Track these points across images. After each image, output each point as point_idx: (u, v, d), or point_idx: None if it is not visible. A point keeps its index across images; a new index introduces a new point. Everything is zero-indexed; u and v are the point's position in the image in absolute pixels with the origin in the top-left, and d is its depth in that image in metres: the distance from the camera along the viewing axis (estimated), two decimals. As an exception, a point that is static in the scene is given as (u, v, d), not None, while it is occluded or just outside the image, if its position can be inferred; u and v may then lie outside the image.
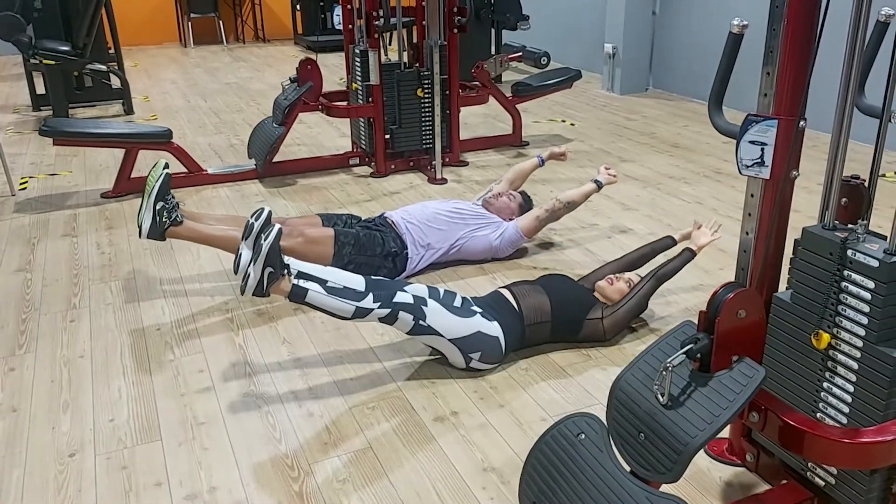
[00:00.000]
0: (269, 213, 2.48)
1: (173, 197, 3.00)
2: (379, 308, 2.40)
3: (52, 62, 5.76)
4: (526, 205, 3.57)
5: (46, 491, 2.07)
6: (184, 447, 2.23)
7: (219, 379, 2.57)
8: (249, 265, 2.33)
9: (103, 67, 6.35)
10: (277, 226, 2.40)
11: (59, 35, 6.08)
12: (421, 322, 2.44)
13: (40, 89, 6.38)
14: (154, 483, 2.09)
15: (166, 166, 3.02)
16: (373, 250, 3.17)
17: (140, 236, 2.95)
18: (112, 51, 6.59)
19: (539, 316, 2.64)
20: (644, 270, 2.94)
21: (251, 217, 2.46)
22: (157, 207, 2.92)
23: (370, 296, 2.40)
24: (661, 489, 1.57)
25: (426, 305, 2.46)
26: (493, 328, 2.55)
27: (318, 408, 2.41)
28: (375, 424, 2.33)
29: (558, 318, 2.66)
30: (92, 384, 2.55)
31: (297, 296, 2.36)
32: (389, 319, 2.42)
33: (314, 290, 2.36)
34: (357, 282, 2.50)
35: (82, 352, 2.75)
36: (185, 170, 4.54)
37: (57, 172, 4.86)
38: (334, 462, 2.16)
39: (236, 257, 2.39)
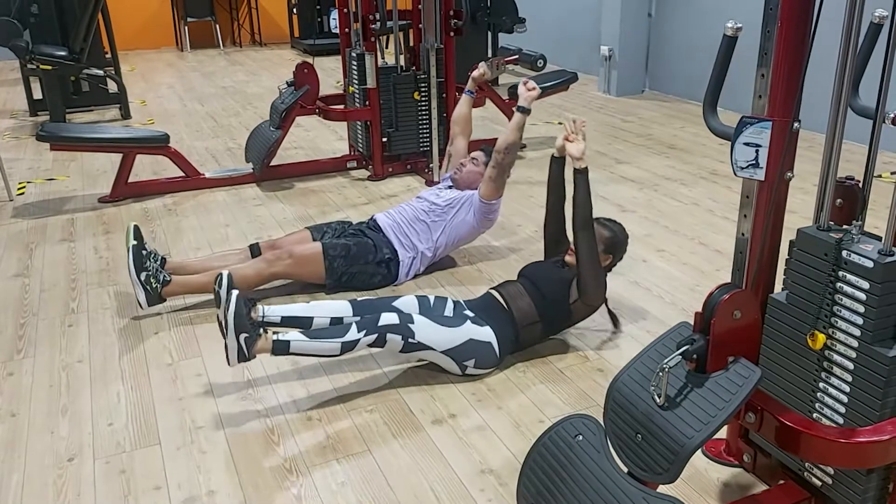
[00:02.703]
0: (229, 277, 2.46)
1: (155, 256, 2.98)
2: (365, 336, 2.40)
3: (49, 67, 5.76)
4: (489, 158, 3.30)
5: (45, 495, 2.07)
6: (182, 451, 2.23)
7: (217, 383, 2.57)
8: (226, 338, 2.33)
9: (100, 72, 6.35)
10: (235, 292, 2.36)
11: (56, 40, 6.08)
12: (410, 340, 2.44)
13: (37, 94, 6.38)
14: (153, 487, 2.09)
15: (135, 234, 2.98)
16: (365, 258, 3.16)
17: (143, 309, 2.96)
18: (109, 55, 6.60)
19: (529, 318, 2.63)
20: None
21: (215, 285, 2.45)
22: (142, 279, 2.90)
23: (353, 326, 2.41)
24: (658, 490, 1.57)
25: (413, 322, 2.45)
26: (485, 333, 2.55)
27: (316, 411, 2.41)
28: (374, 428, 2.33)
29: (545, 316, 2.65)
30: (90, 389, 2.55)
31: (281, 350, 2.36)
32: (379, 344, 2.43)
33: (296, 340, 2.37)
34: (343, 309, 2.55)
35: (81, 356, 2.75)
36: (183, 174, 4.54)
37: (54, 177, 4.86)
38: (332, 466, 2.16)
39: (219, 326, 2.40)
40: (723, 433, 2.13)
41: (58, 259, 3.60)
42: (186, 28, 10.19)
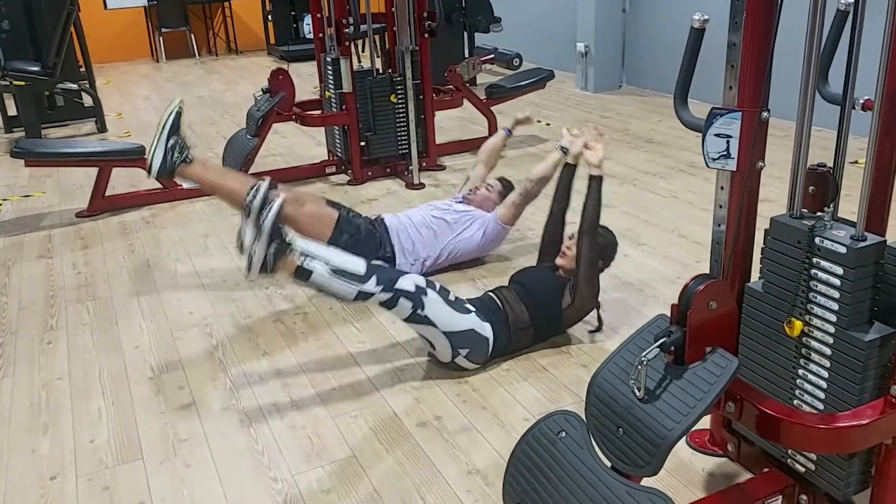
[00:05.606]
0: (269, 183, 2.39)
1: (185, 137, 2.91)
2: (381, 292, 2.39)
3: (23, 83, 5.71)
4: (506, 190, 3.46)
5: (27, 516, 2.05)
6: (165, 465, 2.21)
7: (199, 395, 2.55)
8: (254, 244, 2.28)
9: (74, 86, 6.30)
10: (278, 200, 2.34)
11: (29, 55, 6.02)
12: (419, 311, 2.44)
13: (12, 111, 6.32)
14: (137, 503, 2.07)
15: (182, 102, 2.92)
16: (368, 249, 3.11)
17: (149, 175, 2.86)
18: (83, 69, 6.54)
19: (522, 323, 2.64)
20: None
21: (248, 194, 2.38)
22: (170, 143, 2.81)
23: (373, 279, 2.38)
24: (643, 483, 1.57)
25: (426, 295, 2.46)
26: (486, 329, 2.56)
27: (301, 419, 2.40)
28: (359, 433, 2.32)
29: (537, 322, 2.66)
30: (71, 406, 2.53)
31: (302, 275, 2.33)
32: (389, 304, 2.41)
33: (319, 272, 2.34)
34: (358, 264, 2.45)
35: (60, 373, 2.72)
36: (160, 186, 4.50)
37: (31, 194, 4.81)
38: (318, 472, 2.15)
39: (239, 236, 2.34)
40: (706, 423, 2.14)
41: (35, 276, 3.56)
42: (161, 39, 10.12)
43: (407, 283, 2.44)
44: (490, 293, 2.74)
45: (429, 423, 2.35)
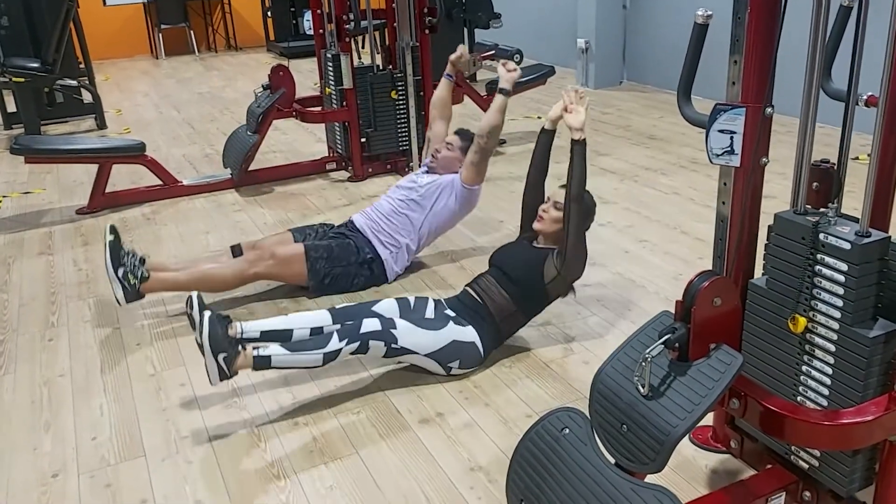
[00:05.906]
0: (199, 298, 2.39)
1: (133, 254, 2.93)
2: (347, 344, 2.36)
3: (22, 79, 5.70)
4: (466, 141, 3.29)
5: (29, 513, 2.04)
6: (168, 462, 2.21)
7: (201, 392, 2.54)
8: (206, 360, 2.28)
9: (74, 83, 6.29)
10: (207, 313, 2.32)
11: (28, 52, 6.01)
12: (393, 346, 2.42)
13: (11, 107, 6.31)
14: (139, 500, 2.07)
15: (112, 230, 2.94)
16: (347, 259, 3.14)
17: (121, 305, 2.91)
18: (82, 65, 6.53)
19: (506, 310, 2.61)
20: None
21: (186, 307, 2.40)
22: (120, 274, 2.86)
23: (335, 335, 2.37)
24: (646, 479, 1.57)
25: (395, 328, 2.43)
26: (468, 333, 2.54)
27: (303, 416, 2.39)
28: (361, 430, 2.32)
29: (522, 304, 2.62)
30: (73, 403, 2.52)
31: (263, 364, 2.32)
32: (361, 351, 2.40)
33: (277, 354, 2.33)
34: (322, 318, 2.51)
35: (62, 371, 2.72)
36: (160, 182, 4.50)
37: (31, 191, 4.80)
38: (321, 469, 2.15)
39: (198, 347, 2.34)
40: (709, 420, 2.14)
41: (36, 273, 3.56)
42: (160, 35, 10.10)
43: (372, 322, 2.42)
44: (466, 287, 2.71)
45: (431, 420, 2.35)
